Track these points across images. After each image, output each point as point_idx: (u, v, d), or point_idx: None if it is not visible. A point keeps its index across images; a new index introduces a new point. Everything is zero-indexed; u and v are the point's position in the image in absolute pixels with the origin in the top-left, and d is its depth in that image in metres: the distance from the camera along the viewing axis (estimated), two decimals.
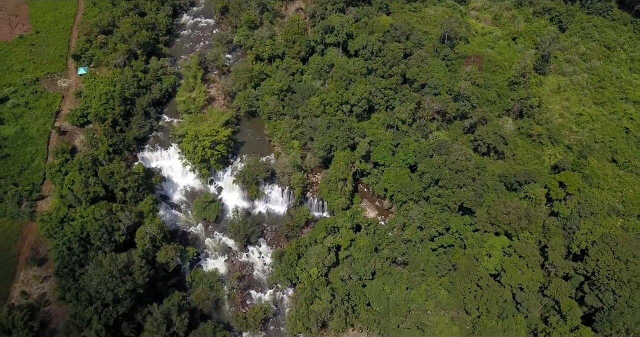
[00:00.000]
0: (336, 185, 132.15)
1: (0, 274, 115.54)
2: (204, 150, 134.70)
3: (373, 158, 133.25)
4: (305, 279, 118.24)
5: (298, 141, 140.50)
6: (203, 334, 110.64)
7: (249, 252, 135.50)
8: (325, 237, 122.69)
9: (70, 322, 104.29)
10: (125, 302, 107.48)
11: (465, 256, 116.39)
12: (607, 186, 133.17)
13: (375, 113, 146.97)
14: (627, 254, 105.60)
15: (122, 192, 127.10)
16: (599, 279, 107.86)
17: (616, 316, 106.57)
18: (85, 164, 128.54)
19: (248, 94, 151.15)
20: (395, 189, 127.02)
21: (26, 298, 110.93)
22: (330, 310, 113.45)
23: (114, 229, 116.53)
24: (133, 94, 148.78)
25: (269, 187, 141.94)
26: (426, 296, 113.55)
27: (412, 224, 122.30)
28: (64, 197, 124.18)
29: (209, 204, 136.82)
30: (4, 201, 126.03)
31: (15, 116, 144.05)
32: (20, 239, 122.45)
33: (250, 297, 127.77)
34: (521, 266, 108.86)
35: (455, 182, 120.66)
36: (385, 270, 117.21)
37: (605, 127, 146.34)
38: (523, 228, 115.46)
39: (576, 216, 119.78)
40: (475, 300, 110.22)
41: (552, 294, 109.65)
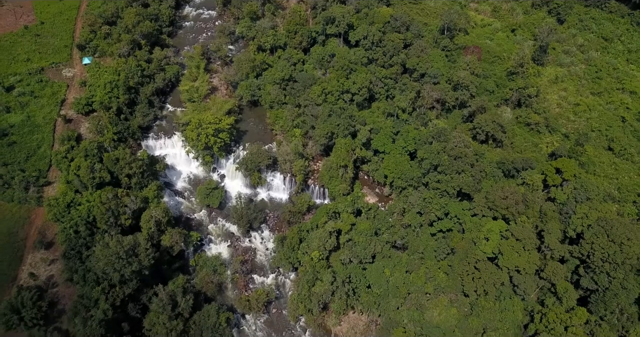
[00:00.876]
0: (337, 172, 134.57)
1: (9, 257, 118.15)
2: (207, 137, 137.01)
3: (373, 145, 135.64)
4: (307, 262, 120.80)
5: (299, 129, 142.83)
6: (207, 316, 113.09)
7: (251, 237, 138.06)
8: (327, 222, 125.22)
9: (78, 302, 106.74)
10: (131, 283, 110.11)
11: (463, 240, 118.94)
12: (603, 173, 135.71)
13: (375, 102, 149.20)
14: (621, 237, 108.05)
15: (127, 178, 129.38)
16: (593, 262, 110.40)
17: (610, 297, 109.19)
18: (91, 150, 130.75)
19: (250, 83, 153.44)
20: (395, 176, 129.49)
21: (34, 280, 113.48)
22: (332, 292, 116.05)
23: (120, 213, 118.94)
24: (137, 83, 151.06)
25: (271, 174, 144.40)
26: (425, 279, 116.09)
27: (412, 210, 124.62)
28: (70, 182, 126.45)
29: (212, 190, 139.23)
30: (12, 186, 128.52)
31: (21, 104, 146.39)
32: (28, 223, 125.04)
33: (252, 281, 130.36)
34: (518, 248, 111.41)
35: (454, 168, 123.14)
36: (385, 253, 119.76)
37: (602, 116, 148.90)
38: (520, 212, 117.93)
39: (572, 201, 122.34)
40: (473, 282, 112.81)
41: (548, 277, 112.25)
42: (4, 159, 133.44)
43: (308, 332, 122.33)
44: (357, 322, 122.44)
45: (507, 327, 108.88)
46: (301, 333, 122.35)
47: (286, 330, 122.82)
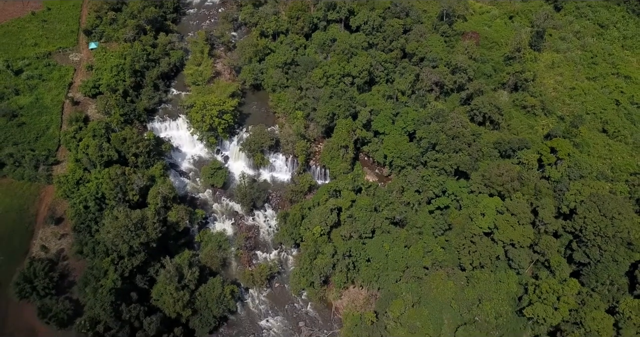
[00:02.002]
0: (338, 152, 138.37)
1: (21, 232, 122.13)
2: (212, 119, 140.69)
3: (374, 127, 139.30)
4: (309, 237, 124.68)
5: (301, 112, 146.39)
6: (212, 288, 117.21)
7: (254, 216, 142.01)
8: (328, 200, 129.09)
9: (88, 272, 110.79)
10: (139, 255, 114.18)
11: (460, 216, 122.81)
12: (597, 154, 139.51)
13: (375, 86, 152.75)
14: (612, 211, 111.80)
15: (133, 157, 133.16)
16: (586, 236, 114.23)
17: (602, 270, 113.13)
18: (99, 130, 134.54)
19: (253, 67, 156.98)
20: (395, 155, 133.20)
21: (45, 252, 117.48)
22: (332, 265, 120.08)
23: (128, 189, 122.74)
24: (143, 66, 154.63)
25: (273, 155, 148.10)
26: (423, 253, 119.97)
27: (410, 188, 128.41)
28: (79, 161, 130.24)
29: (217, 170, 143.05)
30: (22, 165, 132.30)
31: (30, 87, 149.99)
32: (38, 200, 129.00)
33: (256, 257, 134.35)
34: (513, 222, 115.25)
35: (452, 147, 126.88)
36: (385, 229, 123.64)
37: (597, 100, 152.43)
38: (515, 189, 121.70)
39: (566, 178, 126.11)
40: (469, 255, 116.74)
41: (542, 250, 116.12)
42: (14, 139, 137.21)
43: (310, 305, 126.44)
44: (357, 296, 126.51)
45: (502, 297, 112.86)
46: (303, 306, 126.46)
47: (288, 303, 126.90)
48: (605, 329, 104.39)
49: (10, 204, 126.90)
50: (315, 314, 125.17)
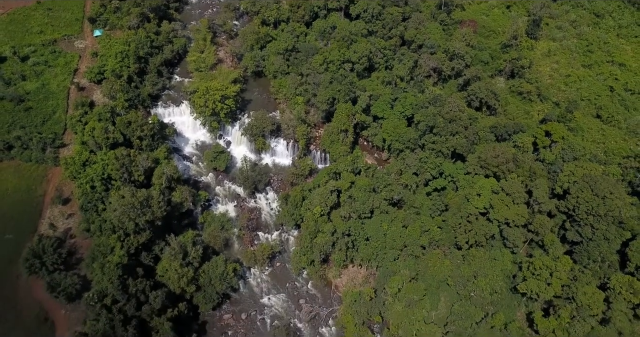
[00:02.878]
0: (338, 136, 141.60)
1: (29, 211, 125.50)
2: (215, 103, 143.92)
3: (373, 111, 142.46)
4: (309, 217, 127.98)
5: (302, 97, 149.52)
6: (216, 265, 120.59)
7: (256, 198, 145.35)
8: (328, 182, 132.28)
9: (96, 249, 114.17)
10: (145, 233, 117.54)
11: (457, 197, 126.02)
12: (591, 138, 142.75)
13: (375, 72, 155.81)
14: (604, 191, 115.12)
15: (138, 140, 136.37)
16: (578, 215, 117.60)
17: (593, 247, 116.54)
18: (104, 114, 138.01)
19: (255, 54, 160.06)
20: (393, 138, 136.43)
21: (53, 230, 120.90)
22: (332, 243, 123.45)
23: (133, 170, 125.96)
24: (146, 53, 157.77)
25: (274, 140, 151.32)
26: (420, 232, 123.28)
27: (408, 170, 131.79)
28: (85, 143, 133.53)
29: (219, 154, 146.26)
30: (29, 147, 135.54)
31: (36, 73, 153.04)
32: (46, 181, 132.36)
33: (258, 237, 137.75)
34: (508, 202, 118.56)
35: (449, 130, 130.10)
36: (383, 209, 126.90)
37: (592, 86, 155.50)
38: (510, 170, 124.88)
39: (560, 161, 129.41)
40: (465, 234, 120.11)
41: (536, 229, 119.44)
42: (22, 122, 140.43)
43: (310, 283, 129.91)
44: (356, 274, 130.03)
45: (497, 274, 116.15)
46: (303, 285, 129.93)
47: (289, 282, 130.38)
48: (596, 303, 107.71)
49: (18, 185, 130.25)
50: (316, 292, 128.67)
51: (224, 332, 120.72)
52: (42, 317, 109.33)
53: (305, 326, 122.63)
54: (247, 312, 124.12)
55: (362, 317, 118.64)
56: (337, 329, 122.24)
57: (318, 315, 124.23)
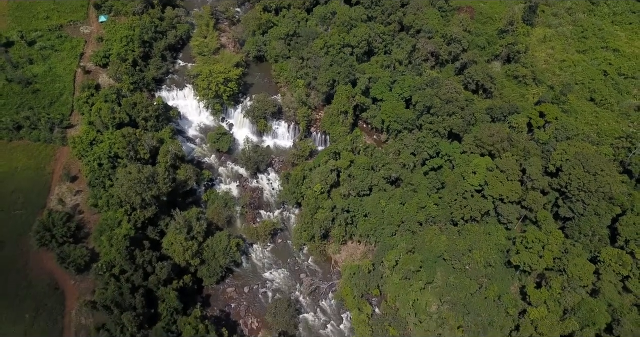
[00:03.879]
0: (338, 118, 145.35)
1: (38, 188, 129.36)
2: (217, 86, 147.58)
3: (372, 94, 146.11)
4: (310, 195, 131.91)
5: (303, 80, 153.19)
6: (219, 240, 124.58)
7: (258, 179, 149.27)
8: (328, 161, 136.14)
9: (103, 223, 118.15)
10: (151, 208, 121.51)
11: (453, 174, 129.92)
12: (584, 120, 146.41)
13: (374, 56, 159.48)
14: (595, 168, 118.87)
15: (143, 121, 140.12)
16: (570, 191, 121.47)
17: (584, 222, 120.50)
18: (110, 96, 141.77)
19: (256, 40, 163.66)
20: (392, 119, 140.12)
21: (62, 206, 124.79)
22: (332, 219, 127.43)
23: (139, 148, 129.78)
24: (151, 38, 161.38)
25: (275, 123, 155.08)
26: (417, 209, 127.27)
27: (406, 150, 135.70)
28: (92, 123, 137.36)
29: (222, 135, 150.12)
30: (38, 127, 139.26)
31: (43, 57, 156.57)
32: (54, 160, 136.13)
33: (260, 215, 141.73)
34: (502, 178, 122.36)
35: (445, 111, 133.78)
36: (381, 187, 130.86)
37: (586, 71, 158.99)
38: (505, 149, 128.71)
39: (553, 140, 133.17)
40: (460, 210, 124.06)
41: (529, 205, 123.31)
42: (30, 103, 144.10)
43: (310, 259, 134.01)
44: (355, 250, 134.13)
45: (491, 247, 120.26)
46: (304, 260, 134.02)
47: (290, 257, 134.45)
48: (587, 274, 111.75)
49: (27, 163, 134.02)
50: (316, 267, 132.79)
51: (227, 305, 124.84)
52: (53, 287, 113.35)
53: (306, 299, 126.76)
54: (249, 286, 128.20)
55: (361, 290, 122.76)
56: (337, 301, 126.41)
57: (318, 288, 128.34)
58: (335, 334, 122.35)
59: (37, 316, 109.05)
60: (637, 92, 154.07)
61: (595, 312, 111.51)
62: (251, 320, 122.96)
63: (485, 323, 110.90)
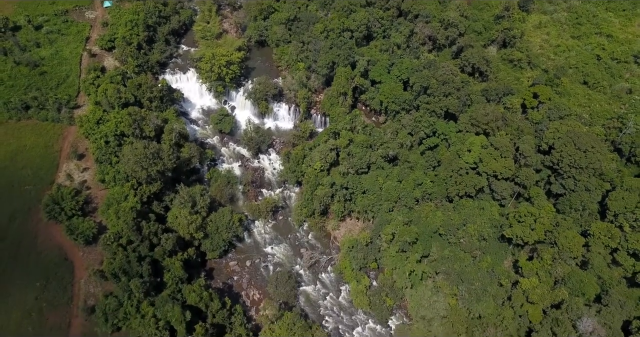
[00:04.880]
0: (337, 99, 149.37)
1: (47, 165, 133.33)
2: (220, 68, 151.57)
3: (371, 76, 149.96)
4: (310, 172, 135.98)
5: (303, 63, 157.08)
6: (222, 215, 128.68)
7: (260, 159, 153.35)
8: (327, 140, 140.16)
9: (110, 197, 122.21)
10: (156, 183, 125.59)
11: (449, 152, 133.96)
12: (577, 103, 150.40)
13: (373, 41, 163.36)
14: (586, 145, 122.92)
15: (148, 101, 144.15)
16: (562, 168, 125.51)
17: (575, 198, 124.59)
18: (116, 77, 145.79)
19: (258, 25, 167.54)
20: (390, 100, 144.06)
21: (70, 181, 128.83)
22: (331, 195, 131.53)
23: (144, 127, 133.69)
24: (155, 22, 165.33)
25: (277, 105, 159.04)
26: (414, 185, 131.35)
27: (404, 130, 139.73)
28: (98, 103, 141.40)
29: (224, 117, 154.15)
30: (45, 107, 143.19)
31: (50, 41, 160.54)
32: (62, 138, 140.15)
33: (261, 194, 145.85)
34: (496, 155, 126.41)
35: (442, 91, 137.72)
36: (379, 165, 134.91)
37: (579, 55, 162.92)
38: (499, 128, 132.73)
39: (546, 120, 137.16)
40: (456, 185, 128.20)
41: (522, 181, 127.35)
42: (37, 85, 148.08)
43: (310, 234, 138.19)
44: (353, 227, 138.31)
45: (485, 221, 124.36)
46: (304, 236, 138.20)
47: (291, 233, 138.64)
48: (576, 246, 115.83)
49: (36, 141, 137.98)
50: (316, 242, 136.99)
51: (230, 278, 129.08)
52: (62, 258, 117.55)
53: (306, 272, 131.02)
54: (251, 260, 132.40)
55: (359, 263, 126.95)
56: (336, 275, 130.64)
57: (318, 262, 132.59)
58: (334, 305, 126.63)
59: (47, 284, 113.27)
60: (629, 76, 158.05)
61: (585, 283, 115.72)
62: (253, 292, 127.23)
63: (479, 292, 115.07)
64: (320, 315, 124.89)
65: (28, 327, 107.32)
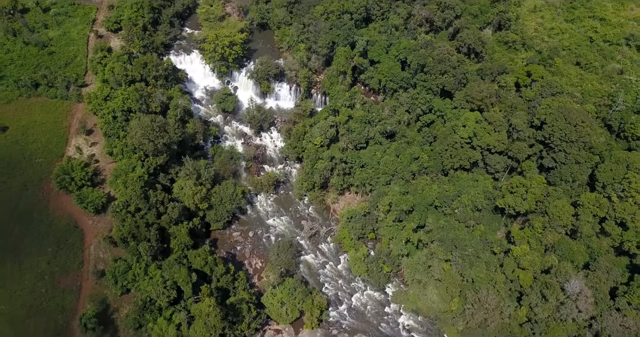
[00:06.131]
0: (337, 79, 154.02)
1: (57, 139, 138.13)
2: (223, 49, 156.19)
3: (370, 56, 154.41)
4: (311, 148, 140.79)
5: (304, 44, 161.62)
6: (226, 187, 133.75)
7: (262, 137, 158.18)
8: (327, 117, 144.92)
9: (119, 168, 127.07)
10: (163, 156, 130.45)
11: (444, 128, 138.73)
12: (570, 82, 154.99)
13: (372, 23, 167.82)
14: (576, 119, 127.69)
15: (154, 80, 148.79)
16: (553, 142, 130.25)
17: (566, 170, 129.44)
18: (122, 57, 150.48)
19: (260, 8, 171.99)
20: (388, 79, 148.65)
21: (80, 154, 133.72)
22: (331, 168, 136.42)
23: (150, 103, 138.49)
24: (160, 5, 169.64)
25: (278, 85, 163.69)
26: (411, 159, 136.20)
27: (401, 108, 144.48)
28: (106, 81, 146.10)
29: (227, 96, 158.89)
30: (54, 85, 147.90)
31: (57, 23, 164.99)
32: (70, 115, 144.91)
33: (263, 170, 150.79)
34: (489, 129, 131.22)
35: (438, 69, 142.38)
36: (377, 140, 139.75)
37: (573, 38, 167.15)
38: (493, 104, 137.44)
39: (539, 97, 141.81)
40: (451, 158, 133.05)
41: (515, 155, 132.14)
42: (46, 64, 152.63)
43: (311, 207, 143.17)
44: (352, 200, 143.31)
45: (479, 192, 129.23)
46: (305, 208, 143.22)
47: (292, 206, 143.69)
48: (566, 214, 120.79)
49: (45, 117, 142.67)
50: (316, 214, 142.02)
51: (233, 247, 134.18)
52: (72, 226, 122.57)
53: (307, 242, 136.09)
54: (254, 231, 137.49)
55: (357, 233, 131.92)
56: (335, 245, 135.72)
57: (318, 233, 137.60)
58: (333, 273, 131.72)
59: (58, 250, 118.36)
60: (621, 58, 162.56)
61: (574, 251, 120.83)
62: (255, 261, 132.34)
63: (472, 258, 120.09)
64: (320, 282, 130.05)
65: (42, 289, 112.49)
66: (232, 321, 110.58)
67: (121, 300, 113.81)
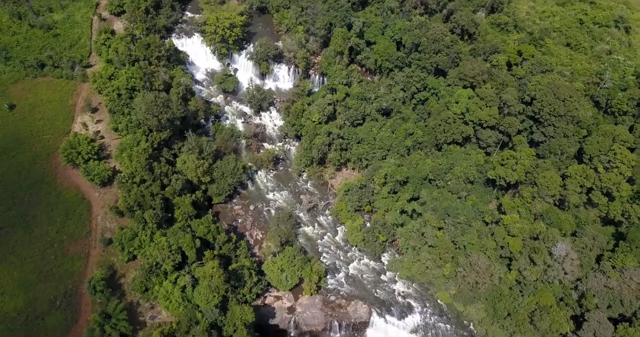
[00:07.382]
0: (334, 59, 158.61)
1: (63, 116, 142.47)
2: (224, 30, 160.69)
3: (366, 37, 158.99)
4: (309, 124, 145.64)
5: (302, 26, 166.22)
6: (227, 162, 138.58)
7: (261, 116, 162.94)
8: (325, 95, 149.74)
9: (124, 143, 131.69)
10: (166, 131, 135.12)
11: (438, 104, 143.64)
12: (560, 63, 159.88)
13: (368, 7, 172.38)
14: (565, 95, 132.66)
15: (156, 60, 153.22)
16: (542, 116, 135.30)
17: (554, 143, 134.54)
18: (126, 39, 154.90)
19: None
20: (384, 58, 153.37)
21: (86, 130, 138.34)
22: (329, 144, 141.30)
23: (154, 81, 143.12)
24: None
25: (277, 66, 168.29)
26: (406, 135, 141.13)
27: (397, 86, 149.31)
28: (110, 61, 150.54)
29: (228, 77, 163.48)
30: (60, 66, 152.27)
31: (61, 6, 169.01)
32: (76, 94, 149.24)
33: (263, 147, 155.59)
34: (481, 105, 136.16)
35: (432, 49, 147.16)
36: (374, 116, 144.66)
37: (563, 20, 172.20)
38: (485, 81, 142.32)
39: (530, 75, 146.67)
40: (444, 133, 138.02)
41: (506, 129, 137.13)
42: (51, 46, 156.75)
43: (309, 183, 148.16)
44: (349, 176, 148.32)
45: (471, 165, 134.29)
46: (303, 184, 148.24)
47: (291, 182, 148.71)
48: (554, 184, 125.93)
49: (52, 96, 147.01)
50: (314, 189, 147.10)
51: (235, 220, 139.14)
52: (79, 197, 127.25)
53: (305, 215, 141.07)
54: (254, 205, 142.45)
55: (354, 205, 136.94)
56: (333, 217, 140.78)
57: (316, 206, 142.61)
58: (331, 243, 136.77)
59: (67, 220, 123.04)
60: (610, 39, 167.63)
61: (562, 220, 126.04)
62: (256, 232, 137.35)
63: (464, 226, 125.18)
64: (319, 252, 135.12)
65: (51, 256, 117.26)
66: (234, 285, 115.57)
67: (128, 266, 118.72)
